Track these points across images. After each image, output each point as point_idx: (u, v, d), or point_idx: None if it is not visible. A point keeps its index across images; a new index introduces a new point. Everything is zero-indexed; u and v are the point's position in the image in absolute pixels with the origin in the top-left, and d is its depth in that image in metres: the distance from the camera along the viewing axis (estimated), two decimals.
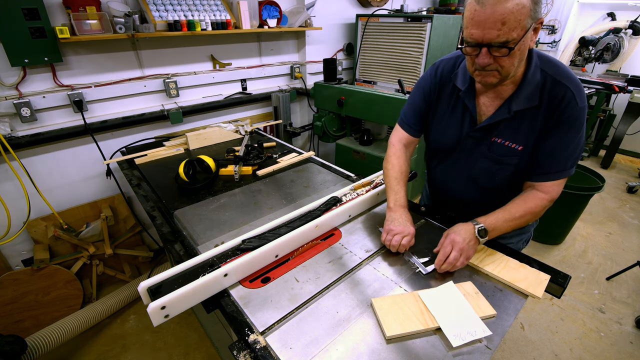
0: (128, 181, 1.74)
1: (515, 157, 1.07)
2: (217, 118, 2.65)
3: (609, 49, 4.12)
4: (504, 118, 1.04)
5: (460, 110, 1.14)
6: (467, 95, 1.10)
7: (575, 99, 0.96)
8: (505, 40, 0.85)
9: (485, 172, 1.15)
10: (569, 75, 0.98)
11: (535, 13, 0.85)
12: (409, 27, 2.75)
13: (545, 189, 1.06)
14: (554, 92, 0.97)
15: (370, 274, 1.03)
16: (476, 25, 0.86)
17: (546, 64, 0.99)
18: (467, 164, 1.18)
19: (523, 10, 0.82)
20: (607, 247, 2.88)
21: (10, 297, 1.93)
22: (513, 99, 1.02)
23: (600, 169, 4.35)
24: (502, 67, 0.91)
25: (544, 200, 1.06)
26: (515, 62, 0.91)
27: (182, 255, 1.14)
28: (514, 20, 0.82)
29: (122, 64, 2.10)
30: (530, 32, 0.88)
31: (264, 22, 2.42)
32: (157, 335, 2.08)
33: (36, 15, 1.66)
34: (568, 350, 1.99)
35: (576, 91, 0.96)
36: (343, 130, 3.04)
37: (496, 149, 1.09)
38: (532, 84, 0.99)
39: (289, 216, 1.19)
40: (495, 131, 1.08)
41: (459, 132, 1.15)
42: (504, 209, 1.07)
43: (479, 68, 0.93)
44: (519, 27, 0.83)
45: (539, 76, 0.98)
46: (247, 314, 0.89)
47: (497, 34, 0.84)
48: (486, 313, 0.87)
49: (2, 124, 1.77)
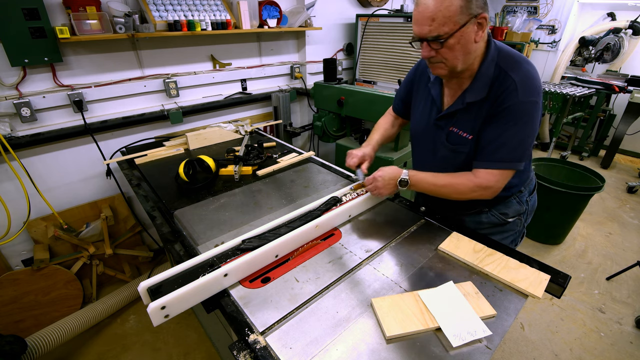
0: (128, 181, 1.74)
1: (466, 146, 1.13)
2: (217, 118, 2.65)
3: (609, 49, 4.11)
4: (458, 108, 1.12)
5: (430, 99, 1.23)
6: (434, 86, 1.21)
7: (517, 91, 0.99)
8: (437, 35, 0.95)
9: (444, 159, 1.22)
10: (519, 67, 1.01)
11: (470, 10, 0.93)
12: (409, 27, 2.75)
13: (478, 174, 1.10)
14: (500, 85, 1.02)
15: (370, 274, 1.03)
16: (415, 23, 0.98)
17: (503, 59, 1.04)
18: (431, 151, 1.26)
19: (451, 7, 0.91)
20: (607, 247, 2.88)
21: (10, 297, 1.93)
22: (467, 91, 1.09)
23: (600, 169, 4.35)
24: (447, 59, 1.00)
25: (471, 182, 1.10)
26: (458, 55, 0.98)
27: (182, 255, 1.14)
28: (442, 17, 0.92)
29: (122, 64, 2.10)
30: (471, 27, 0.95)
31: (264, 22, 2.42)
32: (157, 335, 2.08)
33: (36, 15, 1.66)
34: (568, 350, 1.99)
35: (520, 83, 0.99)
36: (343, 130, 3.04)
37: (452, 138, 1.16)
38: (485, 77, 1.04)
39: (289, 216, 1.19)
40: (452, 120, 1.15)
41: (427, 120, 1.24)
42: (434, 174, 1.17)
43: (426, 60, 1.05)
44: (450, 22, 0.93)
45: (493, 70, 1.04)
46: (247, 314, 0.89)
47: (429, 29, 0.95)
48: (486, 313, 0.87)
49: (2, 124, 1.77)
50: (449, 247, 1.11)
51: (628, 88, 3.85)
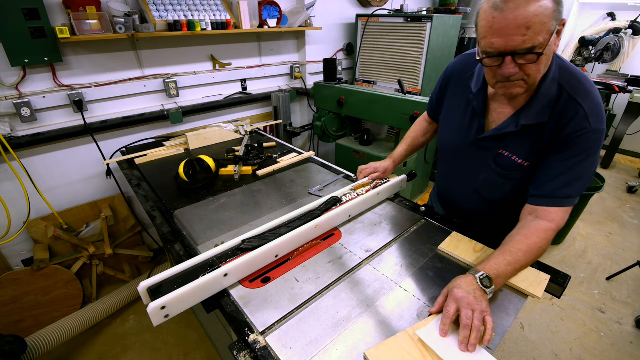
0: (128, 181, 1.74)
1: (520, 173, 1.00)
2: (217, 118, 2.65)
3: (609, 49, 4.11)
4: (510, 131, 0.97)
5: (470, 113, 1.07)
6: (477, 97, 1.04)
7: (588, 120, 0.87)
8: (532, 46, 0.77)
9: (489, 184, 1.09)
10: (587, 92, 0.89)
11: (559, 14, 0.78)
12: (409, 27, 2.75)
13: (551, 217, 0.92)
14: (565, 110, 0.89)
15: (370, 274, 1.03)
16: (497, 33, 0.78)
17: (566, 78, 0.90)
18: (471, 173, 1.12)
19: (547, 12, 0.75)
20: (607, 247, 2.88)
21: (10, 297, 1.93)
22: (523, 111, 0.94)
23: (600, 168, 4.35)
24: (529, 76, 0.83)
25: (549, 231, 0.91)
26: (542, 68, 0.84)
27: (182, 255, 1.13)
28: (539, 23, 0.75)
29: (122, 64, 2.10)
30: (555, 36, 0.80)
31: (264, 22, 2.42)
32: (157, 335, 2.08)
33: (36, 15, 1.66)
34: (568, 350, 1.99)
35: (590, 110, 0.87)
36: (343, 130, 3.04)
37: (502, 162, 1.02)
38: (545, 98, 0.91)
39: (289, 216, 1.19)
40: (503, 143, 1.01)
41: (465, 136, 1.09)
42: (503, 250, 0.91)
43: (503, 80, 0.85)
44: (544, 31, 0.76)
45: (555, 90, 0.90)
46: (247, 314, 0.89)
47: (523, 40, 0.76)
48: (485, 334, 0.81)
49: (2, 124, 1.77)
50: (449, 247, 1.11)
51: (628, 88, 3.85)
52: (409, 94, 2.41)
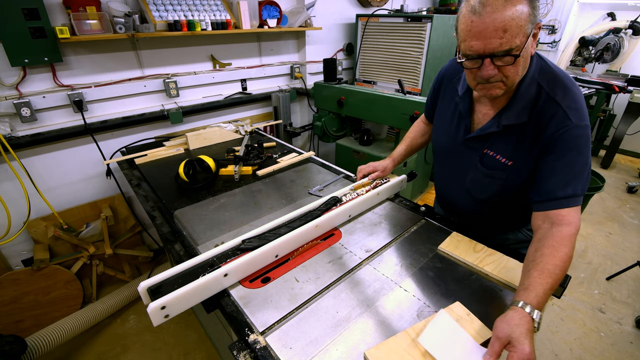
0: (128, 181, 1.74)
1: (504, 172, 1.02)
2: (217, 118, 2.65)
3: (609, 49, 4.11)
4: (493, 131, 1.01)
5: (457, 115, 1.12)
6: (463, 100, 1.08)
7: (568, 117, 0.89)
8: (509, 48, 0.80)
9: (476, 184, 1.11)
10: (566, 91, 0.91)
11: (534, 17, 0.81)
12: (409, 27, 2.75)
13: (567, 219, 0.89)
14: (544, 109, 0.92)
15: (370, 274, 1.03)
16: (476, 37, 0.81)
17: (544, 78, 0.93)
18: (461, 172, 1.15)
19: (523, 15, 0.78)
20: (607, 247, 2.88)
21: (10, 297, 1.93)
22: (504, 112, 0.98)
23: (600, 168, 4.35)
24: (507, 77, 0.86)
25: (572, 236, 0.88)
26: (520, 70, 0.87)
27: (182, 255, 1.14)
28: (516, 26, 0.78)
29: (122, 64, 2.10)
30: (531, 38, 0.83)
31: (264, 22, 2.42)
32: (157, 335, 2.08)
33: (36, 15, 1.66)
34: (568, 350, 1.99)
35: (568, 108, 0.89)
36: (343, 130, 3.04)
37: (487, 161, 1.05)
38: (525, 98, 0.94)
39: (289, 216, 1.19)
40: (487, 142, 1.04)
41: (454, 136, 1.13)
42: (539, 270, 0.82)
43: (482, 81, 0.89)
44: (520, 34, 0.80)
45: (534, 90, 0.93)
46: (247, 314, 0.89)
47: (500, 42, 0.80)
48: (484, 337, 0.82)
49: (2, 124, 1.77)
50: (449, 247, 1.11)
51: (628, 88, 3.84)
52: (409, 94, 2.41)
